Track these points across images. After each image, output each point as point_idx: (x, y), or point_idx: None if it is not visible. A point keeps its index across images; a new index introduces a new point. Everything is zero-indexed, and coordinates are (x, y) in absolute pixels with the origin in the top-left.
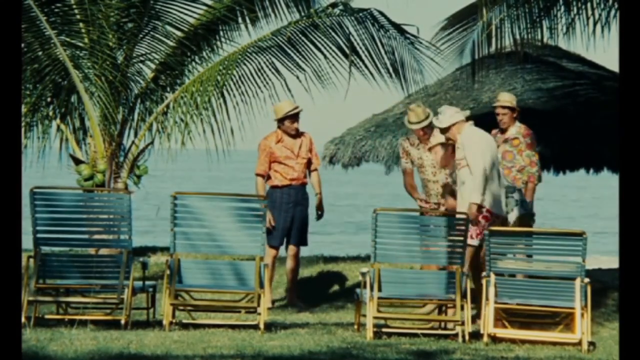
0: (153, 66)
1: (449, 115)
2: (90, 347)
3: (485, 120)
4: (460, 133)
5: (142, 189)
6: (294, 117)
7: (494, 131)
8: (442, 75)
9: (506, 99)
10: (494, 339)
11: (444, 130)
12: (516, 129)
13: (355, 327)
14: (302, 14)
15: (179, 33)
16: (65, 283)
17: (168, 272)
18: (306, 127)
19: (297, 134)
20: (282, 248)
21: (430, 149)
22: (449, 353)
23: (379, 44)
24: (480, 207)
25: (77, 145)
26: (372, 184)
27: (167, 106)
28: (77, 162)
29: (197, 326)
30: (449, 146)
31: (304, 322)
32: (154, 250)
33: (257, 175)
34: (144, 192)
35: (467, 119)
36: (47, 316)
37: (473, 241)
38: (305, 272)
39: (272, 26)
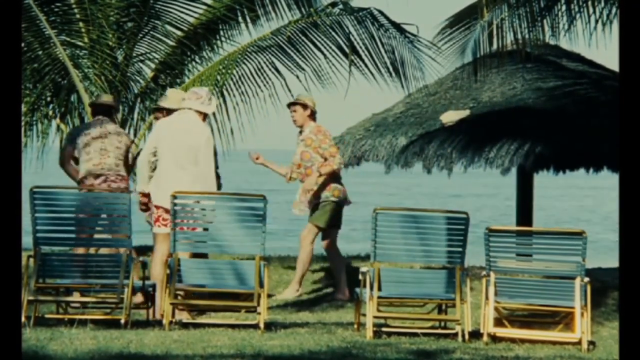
0: (153, 65)
1: (176, 100)
2: (90, 347)
3: (485, 119)
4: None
5: None
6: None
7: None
8: (441, 74)
9: (300, 96)
10: (494, 339)
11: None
12: (310, 129)
13: (355, 326)
14: (302, 13)
15: (178, 32)
16: (65, 282)
17: (168, 271)
18: None
19: None
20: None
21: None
22: (449, 352)
23: (378, 43)
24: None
25: None
26: (371, 183)
27: None
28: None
29: (197, 326)
30: None
31: (304, 322)
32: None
33: None
34: None
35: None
36: (47, 316)
37: (163, 229)
38: None
39: (272, 25)
